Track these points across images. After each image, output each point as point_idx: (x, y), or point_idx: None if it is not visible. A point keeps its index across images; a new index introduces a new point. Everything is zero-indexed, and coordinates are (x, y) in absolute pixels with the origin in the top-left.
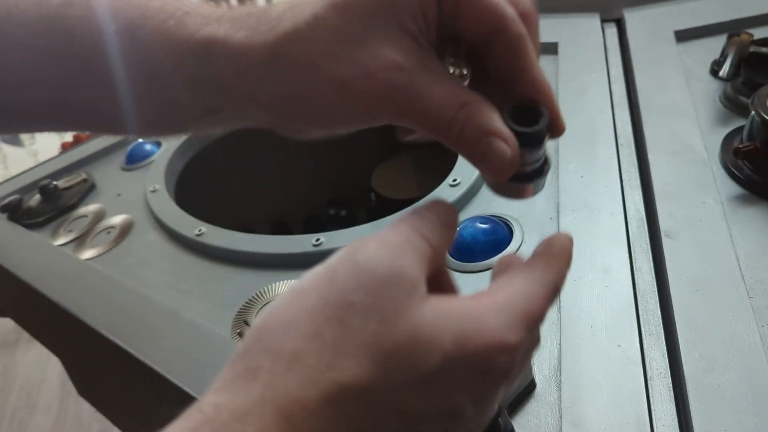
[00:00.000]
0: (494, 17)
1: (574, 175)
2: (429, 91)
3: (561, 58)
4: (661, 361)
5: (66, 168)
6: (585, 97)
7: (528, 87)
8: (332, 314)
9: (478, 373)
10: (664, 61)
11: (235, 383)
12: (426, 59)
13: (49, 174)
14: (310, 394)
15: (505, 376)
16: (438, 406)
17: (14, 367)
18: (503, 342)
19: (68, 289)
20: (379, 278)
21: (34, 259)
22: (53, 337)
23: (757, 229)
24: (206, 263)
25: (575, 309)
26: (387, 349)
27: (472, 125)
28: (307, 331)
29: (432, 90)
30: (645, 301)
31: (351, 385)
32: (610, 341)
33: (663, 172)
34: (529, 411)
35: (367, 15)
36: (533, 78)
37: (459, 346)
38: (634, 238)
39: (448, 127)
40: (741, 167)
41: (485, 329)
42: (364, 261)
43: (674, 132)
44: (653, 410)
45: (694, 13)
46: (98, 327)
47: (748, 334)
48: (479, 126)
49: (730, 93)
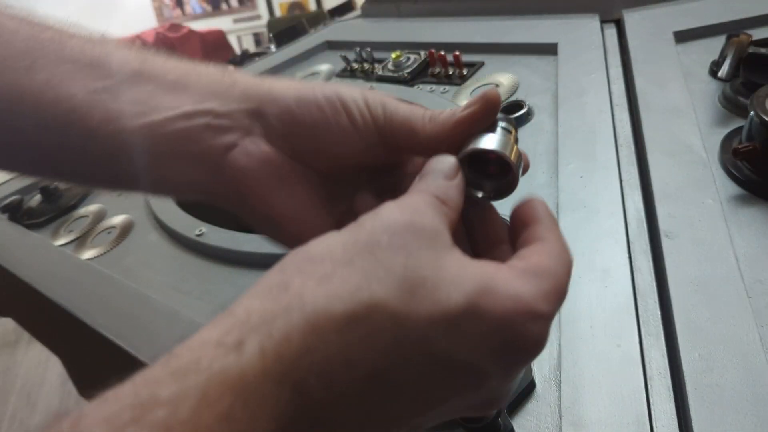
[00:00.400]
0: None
1: (574, 175)
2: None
3: (561, 58)
4: (661, 360)
5: None
6: (585, 98)
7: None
8: (363, 248)
9: (509, 338)
10: (663, 62)
11: (268, 292)
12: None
13: None
14: (336, 309)
15: (535, 348)
16: (463, 359)
17: (14, 367)
18: (534, 309)
19: (68, 289)
20: (402, 224)
21: (35, 260)
22: (53, 337)
23: (756, 229)
24: (206, 263)
25: (575, 309)
26: (413, 280)
27: None
28: (340, 258)
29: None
30: (644, 301)
31: (378, 306)
32: (610, 341)
33: (662, 173)
34: (529, 411)
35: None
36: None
37: (483, 296)
38: (633, 238)
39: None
40: (740, 168)
41: (514, 291)
42: (387, 215)
43: (673, 132)
44: (653, 410)
45: (694, 14)
46: (98, 327)
47: (748, 334)
48: None
49: (729, 93)
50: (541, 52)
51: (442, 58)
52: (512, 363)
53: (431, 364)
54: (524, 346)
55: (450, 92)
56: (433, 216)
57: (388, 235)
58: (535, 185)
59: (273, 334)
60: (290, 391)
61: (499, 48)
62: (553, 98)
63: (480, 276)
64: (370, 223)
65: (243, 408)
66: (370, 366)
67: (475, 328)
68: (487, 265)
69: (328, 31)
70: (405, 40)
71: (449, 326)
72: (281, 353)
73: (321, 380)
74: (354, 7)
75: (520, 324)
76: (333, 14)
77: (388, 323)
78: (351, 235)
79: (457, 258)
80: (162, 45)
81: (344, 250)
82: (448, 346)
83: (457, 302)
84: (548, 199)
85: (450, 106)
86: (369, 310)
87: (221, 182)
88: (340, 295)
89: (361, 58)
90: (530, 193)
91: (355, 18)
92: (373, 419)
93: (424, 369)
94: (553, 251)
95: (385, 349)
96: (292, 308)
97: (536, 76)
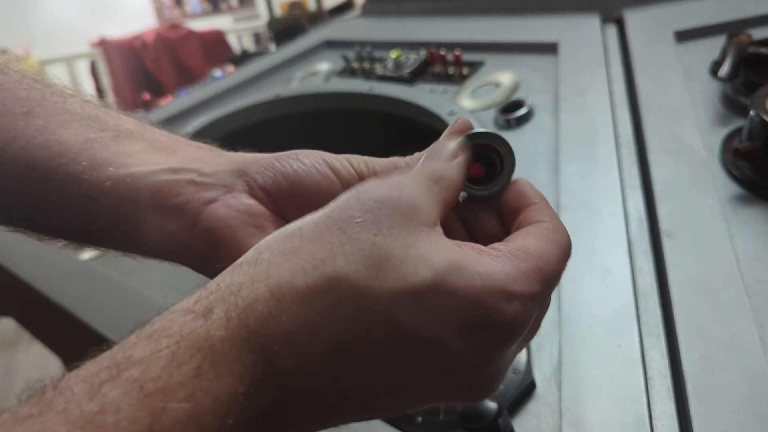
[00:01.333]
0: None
1: (574, 175)
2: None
3: (561, 58)
4: (661, 361)
5: None
6: (585, 97)
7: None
8: (333, 223)
9: (477, 317)
10: (663, 62)
11: (239, 267)
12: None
13: None
14: (300, 281)
15: (510, 330)
16: (429, 335)
17: (15, 367)
18: (506, 288)
19: (68, 289)
20: (378, 199)
21: (35, 259)
22: (53, 337)
23: (757, 229)
24: None
25: (575, 309)
26: (379, 257)
27: None
28: (309, 234)
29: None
30: (645, 301)
31: (341, 280)
32: (610, 341)
33: (663, 172)
34: (529, 411)
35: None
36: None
37: (451, 273)
38: (634, 238)
39: None
40: (740, 167)
41: (485, 270)
42: (364, 189)
43: (674, 132)
44: (653, 410)
45: (694, 14)
46: (98, 327)
47: (748, 334)
48: None
49: (730, 93)
50: (542, 52)
51: (442, 58)
52: (485, 344)
53: (396, 337)
54: (496, 327)
55: (450, 92)
56: (415, 193)
57: (361, 210)
58: (536, 185)
59: (238, 303)
60: (255, 354)
61: (499, 47)
62: (554, 98)
63: (452, 254)
64: (346, 197)
65: (211, 368)
66: (334, 335)
67: (441, 305)
68: (464, 246)
69: (327, 30)
70: (405, 39)
71: (414, 300)
72: (245, 320)
73: (284, 347)
74: (354, 6)
75: (491, 303)
76: (333, 13)
77: (351, 294)
78: (325, 211)
79: (434, 237)
80: (162, 45)
81: (315, 226)
82: (413, 320)
83: (424, 277)
84: (549, 199)
85: (450, 105)
86: (332, 283)
87: (196, 236)
88: (304, 268)
89: (360, 58)
90: None
91: (355, 17)
92: (348, 395)
93: (389, 341)
94: (542, 233)
95: (347, 320)
96: (257, 280)
97: (537, 75)
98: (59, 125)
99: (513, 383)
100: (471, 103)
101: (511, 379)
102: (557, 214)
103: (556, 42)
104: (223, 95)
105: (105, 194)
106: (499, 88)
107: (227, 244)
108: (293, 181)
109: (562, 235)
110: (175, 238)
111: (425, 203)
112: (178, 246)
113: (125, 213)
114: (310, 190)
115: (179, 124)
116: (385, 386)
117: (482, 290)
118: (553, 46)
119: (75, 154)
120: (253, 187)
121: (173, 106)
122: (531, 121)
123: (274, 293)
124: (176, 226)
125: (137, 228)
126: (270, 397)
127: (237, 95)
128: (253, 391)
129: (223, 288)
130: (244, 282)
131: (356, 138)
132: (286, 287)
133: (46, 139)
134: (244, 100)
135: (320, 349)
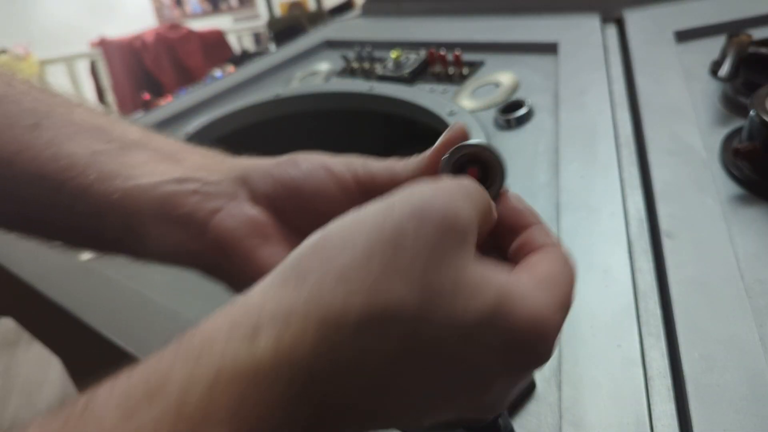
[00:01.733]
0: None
1: (574, 175)
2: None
3: (561, 58)
4: (661, 361)
5: None
6: (585, 97)
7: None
8: (387, 240)
9: (522, 349)
10: (664, 62)
11: (285, 282)
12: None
13: None
14: (353, 308)
15: (546, 356)
16: (475, 362)
17: (15, 366)
18: (549, 322)
19: (68, 289)
20: (434, 215)
21: (34, 259)
22: (53, 337)
23: (757, 229)
24: None
25: (575, 309)
26: (433, 286)
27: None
28: (362, 250)
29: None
30: (645, 301)
31: (395, 309)
32: (610, 341)
33: (663, 172)
34: (529, 411)
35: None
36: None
37: (501, 308)
38: (634, 238)
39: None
40: (740, 167)
41: (532, 305)
42: (419, 201)
43: (674, 132)
44: (653, 410)
45: (694, 14)
46: (98, 327)
47: (748, 334)
48: None
49: (730, 93)
50: (542, 52)
51: (442, 58)
52: (522, 369)
53: (443, 366)
54: (536, 356)
55: (450, 92)
56: (466, 210)
57: (415, 228)
58: (536, 185)
59: (289, 328)
60: (300, 385)
61: (499, 47)
62: (554, 98)
63: (499, 287)
64: (399, 207)
65: (253, 395)
66: (381, 367)
67: (490, 339)
68: (504, 274)
69: (327, 30)
70: (405, 39)
71: (465, 334)
72: (295, 348)
73: (332, 381)
74: (354, 6)
75: (535, 336)
76: (333, 13)
77: (405, 325)
78: (377, 221)
79: (479, 264)
80: (162, 45)
81: (367, 240)
82: (462, 351)
83: (475, 313)
84: (549, 199)
85: (450, 105)
86: (385, 310)
87: (204, 245)
88: (358, 293)
89: (360, 58)
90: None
91: (355, 17)
92: (379, 415)
93: (435, 371)
94: (559, 259)
95: (396, 353)
96: (309, 302)
97: (537, 75)
98: (66, 138)
99: None
100: (471, 103)
101: None
102: (557, 214)
103: (556, 42)
104: (223, 95)
105: (113, 206)
106: (499, 88)
107: (235, 253)
108: (292, 189)
109: (572, 263)
110: (184, 246)
111: (472, 223)
112: (187, 254)
113: (133, 224)
114: (309, 196)
115: (179, 124)
116: (419, 409)
117: (530, 326)
118: (553, 46)
119: (83, 167)
120: (255, 195)
121: (173, 106)
122: (531, 121)
123: (326, 321)
124: (184, 235)
125: (146, 237)
126: (309, 422)
127: (237, 95)
128: (292, 420)
129: (268, 309)
130: (294, 306)
131: (356, 138)
132: (339, 315)
133: (54, 152)
134: (244, 100)
135: (365, 382)
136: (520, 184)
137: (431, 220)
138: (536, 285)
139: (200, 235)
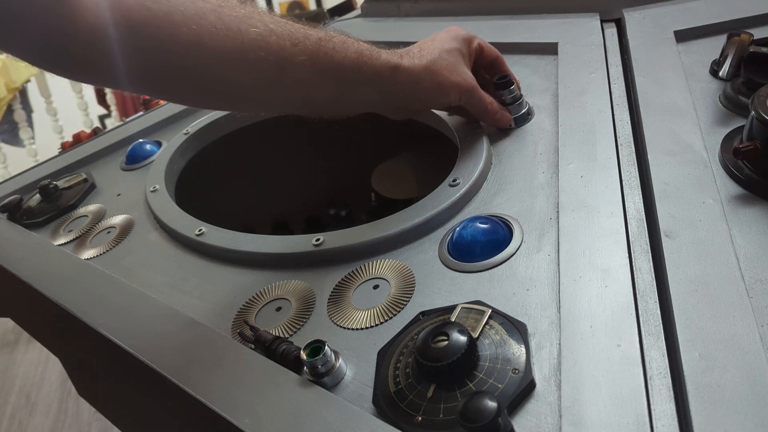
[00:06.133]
0: (495, 56)
1: (574, 175)
2: (481, 91)
3: (561, 58)
4: (661, 360)
5: (66, 168)
6: (585, 97)
7: (501, 71)
8: (431, 39)
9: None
10: (663, 61)
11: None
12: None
13: (49, 174)
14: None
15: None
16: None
17: (14, 367)
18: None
19: (68, 289)
20: (448, 38)
21: (34, 259)
22: (53, 337)
23: (757, 229)
24: (206, 263)
25: (575, 309)
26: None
27: (495, 107)
28: (420, 44)
29: (482, 92)
30: (645, 300)
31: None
32: (610, 341)
33: (663, 172)
34: (529, 411)
35: (459, 57)
36: (504, 69)
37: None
38: (633, 238)
39: (486, 109)
40: (741, 167)
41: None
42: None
43: (674, 132)
44: (653, 410)
45: (694, 13)
46: (98, 327)
47: (748, 334)
48: (498, 108)
49: (730, 93)
50: (541, 52)
51: None
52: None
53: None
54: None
55: None
56: (462, 32)
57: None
58: (536, 185)
59: (399, 54)
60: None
61: (499, 47)
62: (554, 98)
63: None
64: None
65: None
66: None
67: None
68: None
69: None
70: (404, 40)
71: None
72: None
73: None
74: (354, 7)
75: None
76: (333, 14)
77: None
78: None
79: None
80: None
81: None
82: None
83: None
84: (548, 199)
85: None
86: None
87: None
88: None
89: None
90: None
91: (354, 17)
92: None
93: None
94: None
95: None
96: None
97: (536, 75)
98: (340, 50)
99: (513, 382)
100: None
101: (511, 378)
102: (557, 214)
103: (555, 42)
104: None
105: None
106: None
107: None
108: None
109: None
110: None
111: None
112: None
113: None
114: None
115: (179, 124)
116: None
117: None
118: (552, 47)
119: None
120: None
121: (173, 106)
122: (530, 121)
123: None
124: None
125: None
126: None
127: None
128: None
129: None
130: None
131: (356, 138)
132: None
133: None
134: None
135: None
136: (520, 184)
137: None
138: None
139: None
